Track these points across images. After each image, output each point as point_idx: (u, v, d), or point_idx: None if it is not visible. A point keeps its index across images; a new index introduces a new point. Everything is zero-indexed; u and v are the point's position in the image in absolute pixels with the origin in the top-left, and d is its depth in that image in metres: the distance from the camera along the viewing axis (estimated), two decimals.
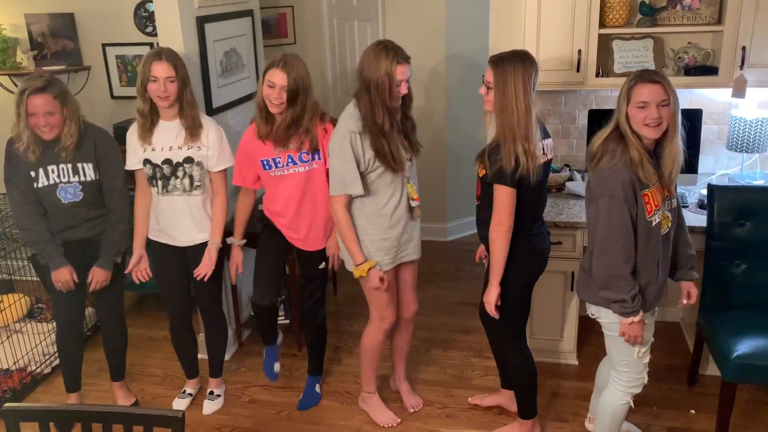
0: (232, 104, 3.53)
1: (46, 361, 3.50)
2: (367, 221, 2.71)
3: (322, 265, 3.00)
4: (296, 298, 3.50)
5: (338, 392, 3.29)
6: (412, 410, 3.11)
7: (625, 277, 2.27)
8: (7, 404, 1.71)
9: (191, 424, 3.08)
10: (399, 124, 2.68)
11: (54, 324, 3.77)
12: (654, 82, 2.21)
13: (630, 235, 2.26)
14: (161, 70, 2.67)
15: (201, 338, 3.30)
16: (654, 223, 2.30)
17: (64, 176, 2.77)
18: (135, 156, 2.85)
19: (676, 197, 2.43)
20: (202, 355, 3.30)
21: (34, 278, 3.81)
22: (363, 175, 2.63)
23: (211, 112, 3.32)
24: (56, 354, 3.56)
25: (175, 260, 2.98)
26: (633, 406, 2.55)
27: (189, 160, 2.82)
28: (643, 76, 2.23)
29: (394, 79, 2.53)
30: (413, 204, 2.75)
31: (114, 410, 1.93)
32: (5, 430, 1.88)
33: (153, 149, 2.81)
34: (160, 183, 2.84)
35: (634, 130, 2.24)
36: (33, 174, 2.75)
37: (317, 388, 3.24)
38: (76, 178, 2.78)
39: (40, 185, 2.77)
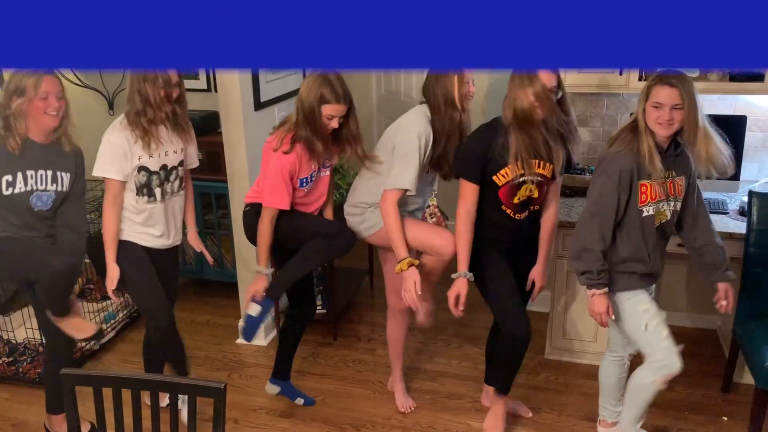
0: (279, 98, 3.64)
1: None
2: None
3: None
4: (331, 288, 3.62)
5: (371, 381, 3.37)
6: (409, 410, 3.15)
7: (596, 252, 2.40)
8: (64, 369, 1.84)
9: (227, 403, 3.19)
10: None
11: (104, 303, 3.97)
12: (671, 86, 2.29)
13: (611, 218, 2.40)
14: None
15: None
16: (645, 214, 2.41)
17: (41, 183, 2.52)
18: (125, 164, 2.62)
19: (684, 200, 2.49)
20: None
21: (85, 260, 3.98)
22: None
23: (258, 106, 3.44)
24: (107, 332, 3.73)
25: (171, 262, 2.96)
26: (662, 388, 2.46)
27: (181, 162, 2.79)
28: (662, 79, 2.32)
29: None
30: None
31: (160, 379, 2.05)
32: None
33: (150, 156, 2.65)
34: (158, 190, 2.71)
35: (648, 126, 2.35)
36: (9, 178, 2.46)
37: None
38: (54, 187, 2.55)
39: (17, 191, 2.48)
